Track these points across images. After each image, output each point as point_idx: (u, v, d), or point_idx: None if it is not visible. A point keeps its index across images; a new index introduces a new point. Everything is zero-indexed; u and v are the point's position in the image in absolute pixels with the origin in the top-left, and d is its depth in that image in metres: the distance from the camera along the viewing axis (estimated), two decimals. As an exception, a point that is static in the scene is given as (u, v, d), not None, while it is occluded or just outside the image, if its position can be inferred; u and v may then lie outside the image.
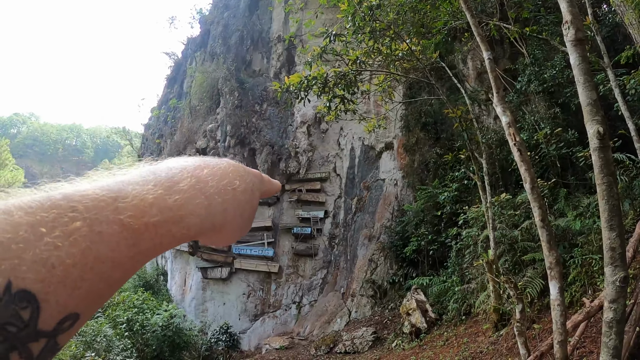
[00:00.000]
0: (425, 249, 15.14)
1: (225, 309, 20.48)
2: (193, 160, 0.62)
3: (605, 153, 3.38)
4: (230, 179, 0.62)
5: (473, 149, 10.98)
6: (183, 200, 0.52)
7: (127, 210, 0.47)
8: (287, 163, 20.77)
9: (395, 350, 12.56)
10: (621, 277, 3.33)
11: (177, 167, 0.58)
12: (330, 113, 10.82)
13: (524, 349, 6.39)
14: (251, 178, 0.69)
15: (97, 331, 13.31)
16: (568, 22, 3.74)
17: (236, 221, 0.63)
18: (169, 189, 0.52)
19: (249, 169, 0.71)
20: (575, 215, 10.38)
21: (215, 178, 0.59)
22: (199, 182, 0.56)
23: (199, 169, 0.59)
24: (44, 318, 0.40)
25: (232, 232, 0.65)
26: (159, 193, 0.50)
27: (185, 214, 0.52)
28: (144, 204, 0.48)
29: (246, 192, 0.65)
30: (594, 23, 10.56)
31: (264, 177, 0.76)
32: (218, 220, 0.58)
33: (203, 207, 0.55)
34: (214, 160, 0.65)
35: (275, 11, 23.75)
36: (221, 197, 0.58)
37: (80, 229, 0.43)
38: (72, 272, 0.42)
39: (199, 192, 0.55)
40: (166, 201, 0.51)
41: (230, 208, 0.60)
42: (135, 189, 0.49)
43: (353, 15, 9.82)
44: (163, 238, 0.50)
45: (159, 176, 0.53)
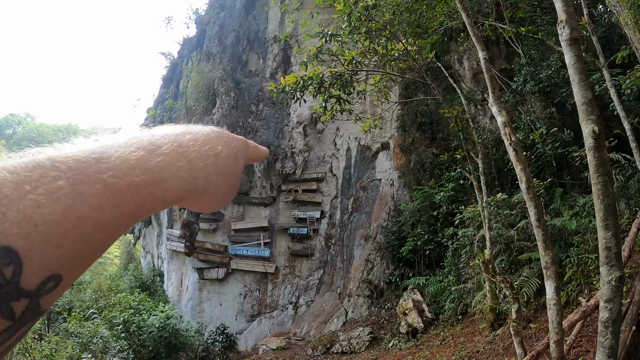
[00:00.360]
0: (421, 248, 15.15)
1: (222, 309, 20.44)
2: (176, 127, 0.62)
3: (601, 152, 3.39)
4: (213, 144, 0.62)
5: (469, 148, 10.99)
6: (165, 162, 0.53)
7: (109, 170, 0.47)
8: (283, 163, 20.75)
9: (392, 350, 12.57)
10: (617, 277, 3.33)
11: (160, 133, 0.58)
12: (326, 113, 10.83)
13: (521, 348, 6.40)
14: (235, 144, 0.69)
15: (94, 332, 13.31)
16: (563, 21, 3.74)
17: (220, 186, 0.63)
18: (151, 152, 0.52)
19: (234, 135, 0.71)
20: (571, 215, 10.41)
21: (197, 143, 0.60)
22: (181, 147, 0.57)
23: (182, 134, 0.59)
24: (27, 276, 0.40)
25: (216, 198, 0.65)
26: (141, 155, 0.51)
27: (167, 175, 0.52)
28: (127, 164, 0.48)
29: (230, 157, 0.65)
30: (590, 23, 10.59)
31: (249, 143, 0.76)
32: (200, 184, 0.58)
33: (184, 170, 0.55)
34: (198, 127, 0.65)
35: (271, 11, 23.73)
36: (203, 162, 0.59)
37: (63, 187, 0.43)
38: (55, 230, 0.42)
39: (180, 155, 0.55)
40: (148, 163, 0.51)
41: (212, 173, 0.60)
42: (118, 151, 0.49)
43: (349, 16, 9.82)
44: (146, 200, 0.50)
45: (142, 140, 0.53)
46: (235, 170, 0.67)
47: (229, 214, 21.38)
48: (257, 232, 20.83)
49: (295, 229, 20.56)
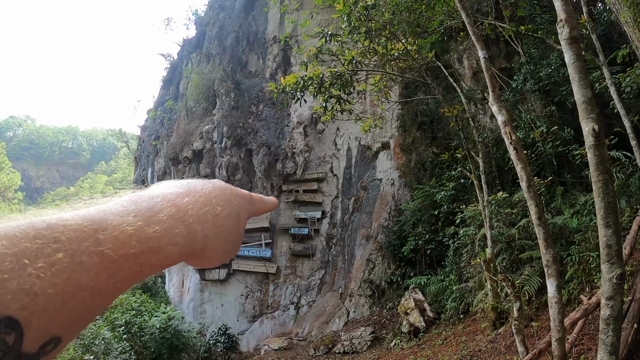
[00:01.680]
0: (422, 248, 15.15)
1: (224, 310, 20.45)
2: (177, 187, 0.63)
3: (601, 150, 3.39)
4: (213, 205, 0.63)
5: (469, 147, 11.00)
6: (162, 230, 0.54)
7: (107, 241, 0.48)
8: (283, 164, 20.77)
9: (394, 349, 12.57)
10: (618, 274, 3.34)
11: (159, 195, 0.59)
12: (326, 113, 10.83)
13: (522, 346, 6.41)
14: (238, 201, 0.70)
15: (96, 334, 13.30)
16: (563, 20, 3.75)
17: (219, 246, 0.64)
18: (149, 219, 0.54)
19: (238, 191, 0.73)
20: (572, 213, 10.40)
21: (196, 206, 0.61)
22: (179, 211, 0.58)
23: (181, 197, 0.60)
24: (28, 342, 0.42)
25: (216, 256, 0.66)
26: (139, 225, 0.52)
27: (164, 244, 0.54)
28: (124, 235, 0.50)
29: (230, 217, 0.66)
30: (590, 21, 10.59)
31: (253, 197, 0.77)
32: (198, 247, 0.60)
33: (182, 236, 0.56)
34: (200, 186, 0.66)
35: (270, 12, 23.74)
36: (201, 225, 0.60)
37: (62, 259, 0.45)
38: (54, 301, 0.44)
39: (178, 221, 0.57)
40: (145, 232, 0.52)
41: (211, 235, 0.61)
42: (115, 220, 0.51)
43: (349, 16, 9.81)
44: (142, 267, 0.51)
45: (140, 206, 0.55)
46: (236, 228, 0.68)
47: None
48: (258, 232, 20.84)
49: (296, 229, 20.59)
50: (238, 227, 0.69)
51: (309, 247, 20.38)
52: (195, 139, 21.88)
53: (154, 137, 26.03)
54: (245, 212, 0.72)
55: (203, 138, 21.68)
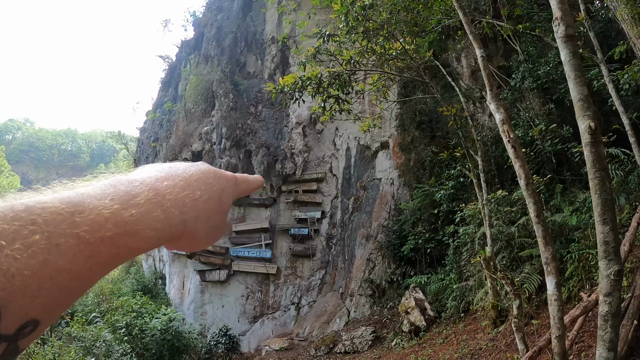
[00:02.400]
0: (422, 247, 15.15)
1: (224, 311, 20.46)
2: (158, 171, 0.64)
3: (597, 148, 3.40)
4: (193, 189, 0.64)
5: (468, 146, 11.00)
6: (139, 214, 0.54)
7: (83, 224, 0.48)
8: (283, 164, 20.77)
9: (395, 349, 12.57)
10: (615, 271, 3.35)
11: (139, 179, 0.59)
12: (325, 113, 10.83)
13: (522, 344, 6.42)
14: (220, 184, 0.70)
15: (97, 336, 13.30)
16: (558, 18, 3.76)
17: (199, 230, 0.64)
18: (126, 202, 0.54)
19: (221, 173, 0.72)
20: (572, 211, 10.40)
21: (175, 190, 0.61)
22: (157, 195, 0.58)
23: (160, 180, 0.61)
24: (5, 324, 0.42)
25: (196, 240, 0.66)
26: (115, 208, 0.52)
27: (141, 228, 0.54)
28: (100, 218, 0.50)
29: (211, 200, 0.66)
30: (587, 19, 10.60)
31: (238, 178, 0.77)
32: (176, 232, 0.60)
33: (159, 220, 0.56)
34: (180, 170, 0.66)
35: (268, 12, 23.76)
36: (179, 210, 0.60)
37: (38, 241, 0.45)
38: (30, 282, 0.44)
39: (155, 205, 0.57)
40: (122, 215, 0.52)
41: (190, 219, 0.61)
42: (92, 203, 0.51)
43: (346, 16, 9.82)
44: (120, 250, 0.52)
45: (118, 190, 0.55)
46: (218, 212, 0.68)
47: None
48: (258, 233, 20.85)
49: (296, 230, 20.59)
50: (220, 211, 0.69)
51: (309, 248, 20.38)
52: (194, 140, 21.90)
53: (153, 138, 26.05)
54: (229, 195, 0.72)
55: (202, 139, 21.70)
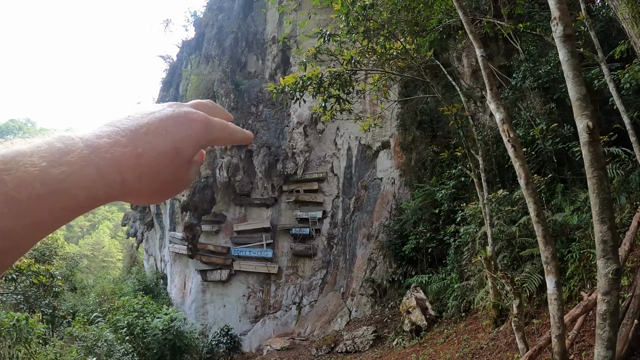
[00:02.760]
0: (423, 246, 15.16)
1: (226, 311, 20.50)
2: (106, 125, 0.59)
3: (595, 147, 3.41)
4: (136, 144, 0.59)
5: (469, 146, 11.01)
6: (69, 172, 0.52)
7: (11, 182, 0.47)
8: (284, 164, 20.78)
9: (396, 348, 12.59)
10: (613, 270, 3.36)
11: (79, 136, 0.56)
12: (326, 113, 10.85)
13: (523, 343, 6.42)
14: (180, 133, 0.65)
15: (98, 336, 13.34)
16: (557, 18, 3.77)
17: (145, 187, 0.60)
18: (56, 160, 0.51)
19: (187, 118, 0.67)
20: (573, 210, 10.40)
21: (114, 147, 0.57)
22: (92, 153, 0.54)
23: (100, 137, 0.57)
24: None
25: (143, 196, 0.63)
26: (43, 165, 0.50)
27: (70, 186, 0.51)
28: (27, 176, 0.49)
29: (160, 155, 0.61)
30: (588, 18, 10.58)
31: (211, 122, 0.71)
32: (116, 190, 0.57)
33: (90, 179, 0.53)
34: (135, 120, 0.62)
35: (269, 12, 23.75)
36: (115, 168, 0.56)
37: None
38: None
39: (88, 163, 0.54)
40: (50, 173, 0.50)
41: (131, 177, 0.58)
42: (22, 160, 0.49)
43: (347, 15, 9.84)
44: (52, 211, 0.50)
45: (53, 147, 0.53)
46: (172, 165, 0.63)
47: (231, 216, 21.44)
48: (259, 233, 20.88)
49: (297, 230, 20.61)
50: (176, 164, 0.64)
51: (310, 247, 20.40)
52: (195, 140, 21.87)
53: (154, 139, 26.04)
54: (192, 144, 0.66)
55: (203, 139, 21.68)
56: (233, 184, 20.77)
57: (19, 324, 10.34)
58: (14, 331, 10.29)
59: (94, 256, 62.60)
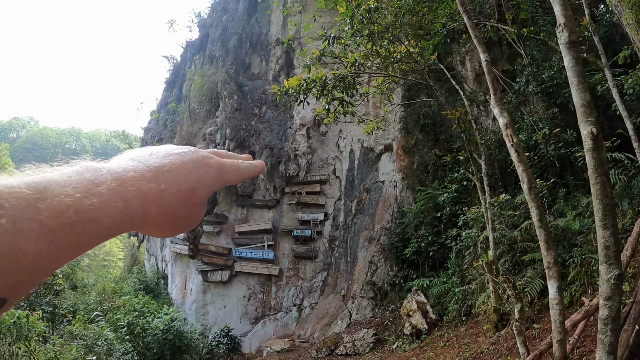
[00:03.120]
0: (425, 250, 15.16)
1: (226, 312, 20.50)
2: (131, 160, 0.65)
3: (599, 153, 3.42)
4: (159, 181, 0.64)
5: (472, 150, 11.02)
6: (99, 203, 0.56)
7: (46, 210, 0.51)
8: (286, 166, 20.79)
9: (396, 351, 12.58)
10: (615, 275, 3.36)
11: (106, 168, 0.61)
12: (329, 115, 10.87)
13: (524, 348, 6.42)
14: (198, 175, 0.70)
15: (98, 335, 13.35)
16: (562, 25, 3.78)
17: (163, 221, 0.66)
18: (88, 191, 0.56)
19: (204, 161, 0.73)
20: (575, 215, 10.40)
21: (139, 181, 0.62)
22: (120, 185, 0.59)
23: (127, 171, 0.62)
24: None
25: (160, 230, 0.68)
26: (77, 196, 0.54)
27: (100, 216, 0.56)
28: (62, 205, 0.52)
29: (180, 193, 0.67)
30: (591, 23, 10.59)
31: (225, 166, 0.77)
32: (137, 221, 0.62)
33: (118, 210, 0.58)
34: (157, 158, 0.68)
35: (273, 14, 23.78)
36: (140, 201, 0.61)
37: (4, 225, 0.48)
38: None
39: (117, 195, 0.58)
40: (83, 204, 0.54)
41: (152, 210, 0.63)
42: (56, 190, 0.53)
43: (351, 18, 9.87)
44: (80, 237, 0.54)
45: (83, 177, 0.57)
46: (188, 204, 0.68)
47: (232, 217, 21.45)
48: (260, 234, 20.89)
49: (299, 231, 20.60)
50: (190, 203, 0.69)
51: (311, 249, 20.39)
52: (198, 141, 21.91)
53: (157, 138, 26.10)
54: (207, 186, 0.72)
55: (206, 140, 21.72)
56: (235, 185, 20.78)
57: (19, 321, 10.33)
58: (14, 329, 10.29)
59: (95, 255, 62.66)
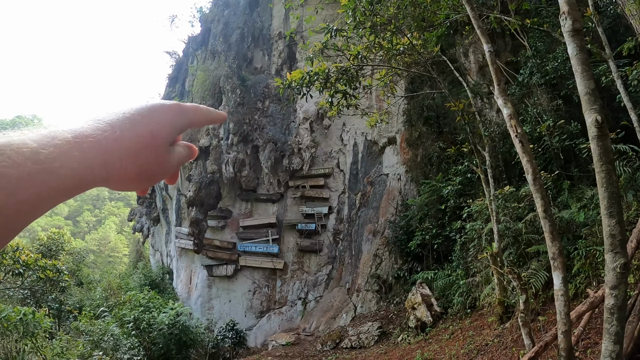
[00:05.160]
0: (429, 243, 15.15)
1: (231, 306, 20.56)
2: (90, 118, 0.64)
3: (604, 141, 3.40)
4: (114, 129, 0.63)
5: (476, 142, 10.98)
6: (56, 153, 0.55)
7: (3, 161, 0.51)
8: (290, 159, 20.80)
9: (401, 344, 12.59)
10: (621, 264, 3.34)
11: (65, 126, 0.60)
12: (332, 108, 10.85)
13: (529, 339, 6.42)
14: (156, 118, 0.69)
15: (105, 330, 13.42)
16: (565, 13, 3.75)
17: (126, 170, 0.64)
18: (45, 144, 0.55)
19: (159, 105, 0.71)
20: (579, 207, 10.36)
21: (95, 132, 0.61)
22: (76, 137, 0.59)
23: (82, 127, 0.61)
24: None
25: (128, 179, 0.66)
26: (33, 147, 0.54)
27: (58, 166, 0.55)
28: (19, 156, 0.52)
29: (137, 137, 0.65)
30: (595, 14, 10.52)
31: (183, 107, 0.75)
32: (100, 172, 0.61)
33: (76, 160, 0.57)
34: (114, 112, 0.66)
35: (275, 8, 23.74)
36: (97, 150, 0.60)
37: None
38: None
39: (73, 146, 0.58)
40: (39, 153, 0.54)
41: (112, 159, 0.62)
42: (14, 143, 0.53)
43: (354, 11, 9.83)
44: (40, 188, 0.54)
45: (41, 133, 0.57)
46: (150, 148, 0.67)
47: (237, 211, 21.48)
48: (265, 228, 20.93)
49: (303, 225, 20.64)
50: (153, 146, 0.68)
51: (316, 243, 20.42)
52: (201, 136, 21.93)
53: (160, 134, 26.09)
54: (168, 128, 0.70)
55: (209, 135, 21.73)
56: (239, 179, 20.82)
57: (25, 318, 10.39)
58: (21, 325, 10.35)
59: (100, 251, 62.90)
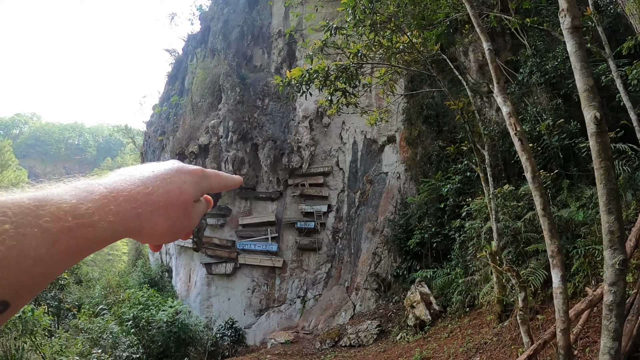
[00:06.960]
0: (428, 241, 15.16)
1: (230, 304, 20.55)
2: (119, 174, 0.70)
3: (603, 138, 3.40)
4: (146, 185, 0.69)
5: (475, 140, 10.99)
6: (94, 208, 0.61)
7: (45, 216, 0.55)
8: (289, 158, 20.80)
9: (400, 342, 12.60)
10: (620, 260, 3.35)
11: (99, 181, 0.66)
12: (331, 107, 10.85)
13: (527, 337, 6.42)
14: (181, 178, 0.75)
15: (104, 328, 13.40)
16: (564, 10, 3.75)
17: (159, 222, 0.69)
18: (84, 199, 0.61)
19: (185, 168, 0.78)
20: (578, 206, 10.36)
21: (129, 187, 0.67)
22: (112, 192, 0.64)
23: (117, 181, 0.67)
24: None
25: (159, 233, 0.71)
26: (73, 202, 0.59)
27: (96, 220, 0.60)
28: (60, 212, 0.57)
29: (168, 193, 0.71)
30: (595, 13, 10.53)
31: (206, 172, 0.82)
32: (133, 225, 0.66)
33: (113, 213, 0.62)
34: (142, 170, 0.72)
35: (275, 6, 23.72)
36: (131, 204, 0.65)
37: (8, 230, 0.52)
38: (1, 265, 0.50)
39: (109, 200, 0.63)
40: (79, 209, 0.59)
41: (144, 212, 0.67)
42: (54, 199, 0.58)
43: (353, 9, 9.83)
44: (78, 240, 0.58)
45: (78, 188, 0.62)
46: (178, 204, 0.72)
47: (236, 209, 21.47)
48: (264, 226, 20.93)
49: (302, 223, 20.64)
50: (180, 203, 0.73)
51: (315, 241, 20.42)
52: (201, 134, 21.92)
53: (159, 132, 26.11)
54: (192, 187, 0.76)
55: (209, 133, 21.72)
56: (238, 177, 20.79)
57: (24, 316, 10.39)
58: (20, 323, 10.34)
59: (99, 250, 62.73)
